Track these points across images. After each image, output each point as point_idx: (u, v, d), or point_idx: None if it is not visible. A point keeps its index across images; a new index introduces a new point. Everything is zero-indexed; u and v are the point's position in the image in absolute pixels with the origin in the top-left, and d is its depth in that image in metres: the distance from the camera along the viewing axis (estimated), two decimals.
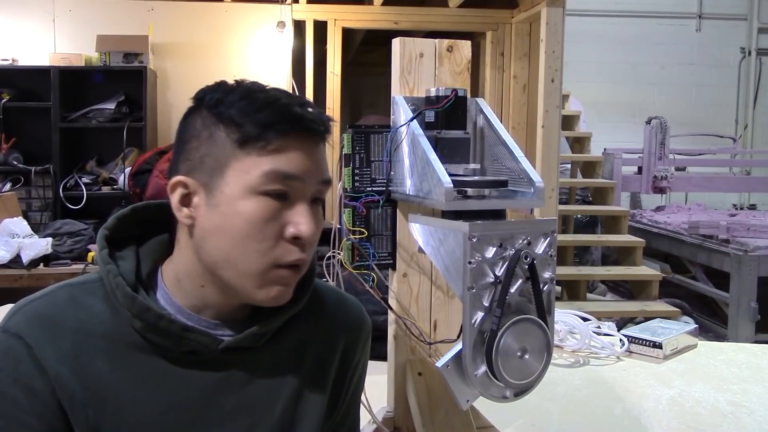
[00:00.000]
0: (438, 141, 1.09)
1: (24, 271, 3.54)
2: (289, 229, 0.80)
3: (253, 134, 0.79)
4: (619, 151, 6.09)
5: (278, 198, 0.80)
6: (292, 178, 0.80)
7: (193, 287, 0.84)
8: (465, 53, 1.21)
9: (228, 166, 0.80)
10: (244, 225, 0.79)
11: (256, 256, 0.80)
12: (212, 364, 0.84)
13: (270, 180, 0.79)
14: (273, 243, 0.80)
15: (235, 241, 0.80)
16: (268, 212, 0.79)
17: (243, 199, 0.79)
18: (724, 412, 1.52)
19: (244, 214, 0.79)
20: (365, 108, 7.37)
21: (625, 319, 4.65)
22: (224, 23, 4.81)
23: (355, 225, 1.17)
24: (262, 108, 0.79)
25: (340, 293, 1.01)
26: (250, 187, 0.79)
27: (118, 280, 0.82)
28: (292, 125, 0.80)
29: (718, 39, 8.34)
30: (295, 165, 0.80)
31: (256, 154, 0.79)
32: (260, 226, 0.79)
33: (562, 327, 1.88)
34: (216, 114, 0.80)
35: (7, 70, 4.50)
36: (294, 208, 0.81)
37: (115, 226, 0.88)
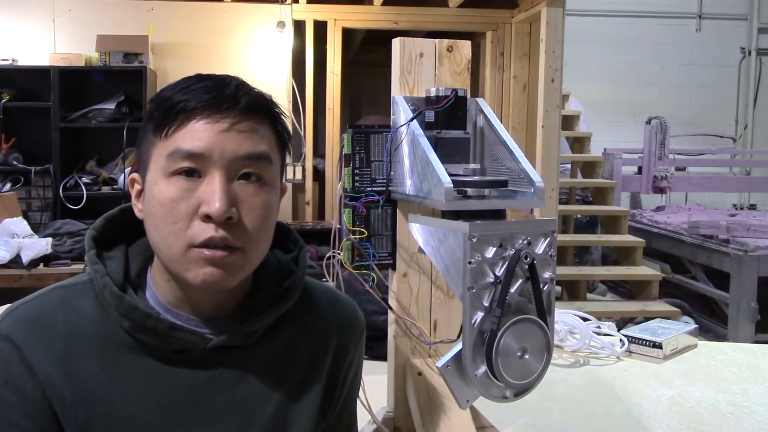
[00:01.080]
0: (438, 141, 1.09)
1: (24, 271, 3.55)
2: (201, 208, 0.79)
3: (158, 119, 0.81)
4: (619, 151, 6.09)
5: (190, 177, 0.80)
6: (196, 156, 0.79)
7: (164, 282, 0.85)
8: (465, 53, 1.21)
9: (151, 157, 0.82)
10: (158, 207, 0.80)
11: (172, 238, 0.80)
12: (201, 363, 0.84)
13: (174, 159, 0.79)
14: (187, 223, 0.79)
15: (156, 227, 0.81)
16: (177, 192, 0.79)
17: (157, 183, 0.81)
18: (724, 412, 1.52)
19: (158, 196, 0.80)
20: (365, 108, 7.37)
21: (625, 319, 4.65)
22: (224, 23, 4.81)
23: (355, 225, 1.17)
24: (168, 95, 0.81)
25: (333, 292, 1.01)
26: (162, 170, 0.80)
27: (105, 279, 0.82)
28: (190, 103, 0.80)
29: (718, 39, 8.34)
30: (198, 142, 0.79)
31: (164, 138, 0.81)
32: (171, 206, 0.79)
33: (562, 327, 1.88)
34: (148, 111, 0.84)
35: (7, 70, 4.50)
36: (205, 186, 0.80)
37: (103, 226, 0.89)
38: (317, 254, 4.16)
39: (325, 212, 5.07)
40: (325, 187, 5.07)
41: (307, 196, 4.98)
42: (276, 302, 0.89)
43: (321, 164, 5.23)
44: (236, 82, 0.83)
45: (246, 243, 0.81)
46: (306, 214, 4.96)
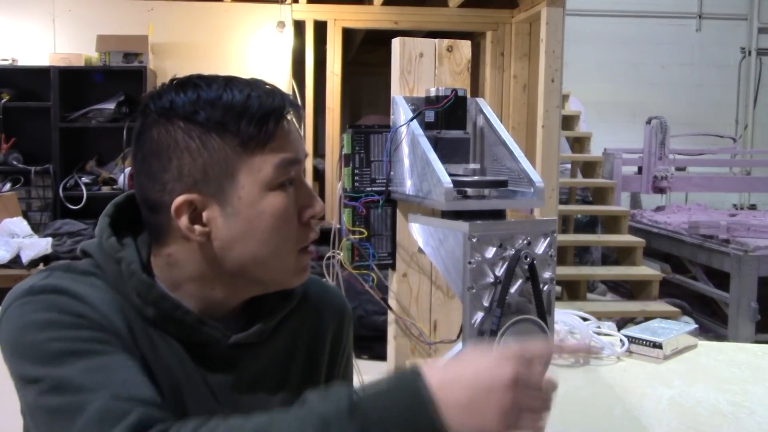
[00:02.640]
0: (438, 141, 1.09)
1: (24, 271, 3.55)
2: (307, 212, 0.82)
3: (252, 134, 0.78)
4: (619, 151, 6.08)
5: (288, 186, 0.81)
6: (295, 163, 0.81)
7: (199, 291, 0.83)
8: (465, 53, 1.21)
9: (237, 170, 0.78)
10: (272, 222, 0.79)
11: (288, 247, 0.81)
12: (218, 359, 0.84)
13: (282, 171, 0.79)
14: (296, 231, 0.82)
15: (265, 241, 0.80)
16: (288, 203, 0.80)
17: (263, 198, 0.79)
18: (724, 412, 1.52)
19: (270, 211, 0.79)
20: (365, 108, 7.37)
21: (625, 319, 4.65)
22: (224, 23, 4.81)
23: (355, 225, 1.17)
24: (245, 107, 0.78)
25: (320, 283, 1.03)
26: (266, 183, 0.79)
27: (132, 267, 0.80)
28: (278, 112, 0.80)
29: (718, 39, 8.33)
30: (294, 148, 0.81)
31: (261, 151, 0.78)
32: (285, 218, 0.80)
33: (562, 327, 1.87)
34: (199, 123, 0.77)
35: (7, 70, 4.50)
36: (301, 190, 0.82)
37: (114, 213, 0.86)
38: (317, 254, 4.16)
39: (325, 212, 5.07)
40: (325, 187, 5.07)
41: None
42: (283, 300, 0.90)
43: (321, 164, 5.23)
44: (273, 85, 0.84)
45: None
46: None
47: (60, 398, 0.68)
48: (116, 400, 0.67)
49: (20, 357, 0.72)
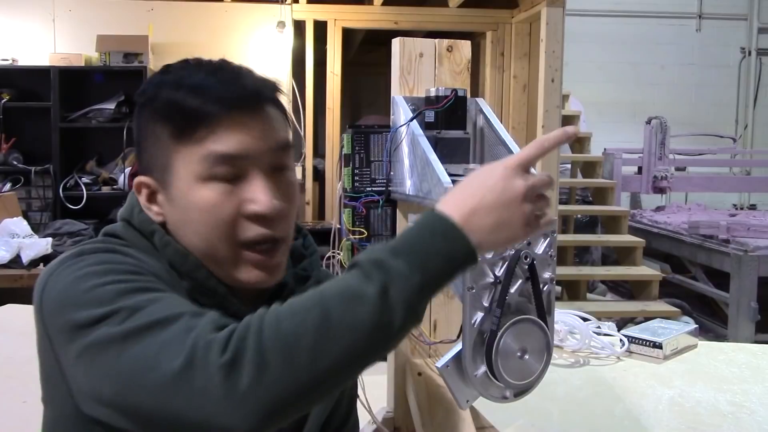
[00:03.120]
0: (438, 141, 1.09)
1: (24, 271, 3.54)
2: (248, 207, 0.79)
3: (182, 125, 0.78)
4: (619, 151, 6.08)
5: (229, 179, 0.79)
6: (234, 158, 0.79)
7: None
8: (465, 53, 1.21)
9: (173, 159, 0.80)
10: (198, 214, 0.79)
11: (218, 241, 0.80)
12: None
13: (211, 164, 0.78)
14: (233, 225, 0.79)
15: (198, 233, 0.80)
16: (217, 196, 0.79)
17: (193, 189, 0.79)
18: (724, 412, 1.52)
19: (198, 203, 0.79)
20: (365, 108, 7.37)
21: (625, 319, 4.65)
22: (224, 23, 4.81)
23: (355, 225, 1.17)
24: (187, 96, 0.78)
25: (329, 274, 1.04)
26: (197, 175, 0.79)
27: (167, 238, 0.82)
28: (217, 105, 0.78)
29: (718, 39, 8.33)
30: (233, 143, 0.78)
31: (192, 143, 0.78)
32: (213, 210, 0.79)
33: (562, 327, 1.87)
34: (152, 111, 0.81)
35: (7, 70, 4.50)
36: (248, 184, 0.80)
37: None
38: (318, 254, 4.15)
39: (325, 212, 5.07)
40: (325, 187, 5.07)
41: (307, 196, 4.98)
42: (300, 283, 0.91)
43: (321, 164, 5.24)
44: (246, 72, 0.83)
45: (287, 232, 0.84)
46: (306, 214, 4.96)
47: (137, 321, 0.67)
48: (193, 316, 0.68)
49: (79, 305, 0.70)
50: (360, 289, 0.66)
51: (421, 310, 0.68)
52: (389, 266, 0.67)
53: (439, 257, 0.68)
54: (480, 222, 0.71)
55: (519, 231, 0.73)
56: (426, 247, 0.69)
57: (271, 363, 0.63)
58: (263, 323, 0.65)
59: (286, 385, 0.63)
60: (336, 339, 0.64)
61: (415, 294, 0.67)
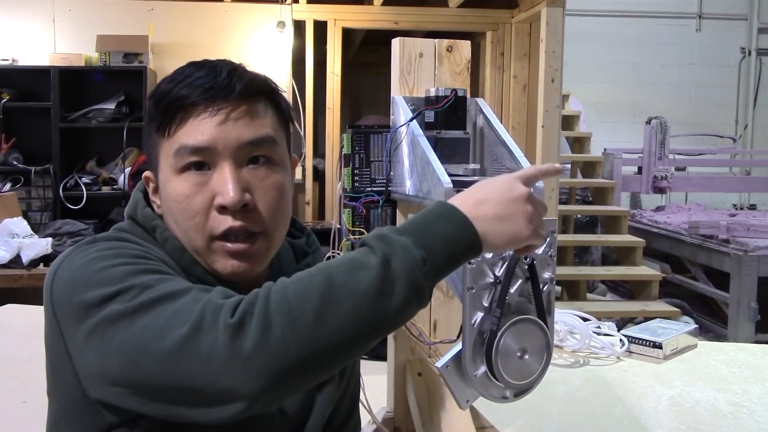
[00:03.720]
0: (438, 141, 1.09)
1: (24, 271, 3.54)
2: (216, 199, 0.81)
3: (159, 120, 0.82)
4: (619, 151, 6.09)
5: (200, 170, 0.81)
6: (201, 150, 0.81)
7: None
8: (465, 53, 1.21)
9: (159, 155, 0.84)
10: (175, 205, 0.82)
11: (193, 232, 0.82)
12: None
13: (181, 156, 0.81)
14: (205, 216, 0.81)
15: (176, 223, 0.83)
16: (189, 187, 0.81)
17: (170, 181, 0.83)
18: (724, 412, 1.52)
19: (172, 194, 0.82)
20: (365, 108, 7.37)
21: (625, 319, 4.65)
22: (224, 23, 4.81)
23: (355, 225, 1.17)
24: (164, 92, 0.82)
25: None
26: (172, 167, 0.82)
27: (167, 234, 0.84)
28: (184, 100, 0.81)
29: (718, 39, 8.33)
30: (201, 136, 0.80)
31: (168, 137, 0.82)
32: (186, 202, 0.81)
33: (562, 327, 1.87)
34: (149, 108, 0.85)
35: (7, 70, 4.50)
36: (218, 177, 0.81)
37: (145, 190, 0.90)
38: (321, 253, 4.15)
39: (325, 212, 5.07)
40: (325, 187, 5.07)
41: (307, 196, 4.98)
42: None
43: (321, 164, 5.23)
44: (228, 68, 0.84)
45: (265, 226, 0.84)
46: (306, 214, 4.96)
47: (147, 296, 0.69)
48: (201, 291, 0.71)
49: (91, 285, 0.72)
50: (364, 258, 0.68)
51: (424, 288, 0.69)
52: (392, 240, 0.69)
53: (443, 239, 0.70)
54: (485, 211, 0.73)
55: (523, 226, 0.75)
56: (430, 227, 0.71)
57: (276, 325, 0.64)
58: (271, 290, 0.67)
59: (290, 346, 0.64)
60: (339, 303, 0.65)
61: (417, 268, 0.68)
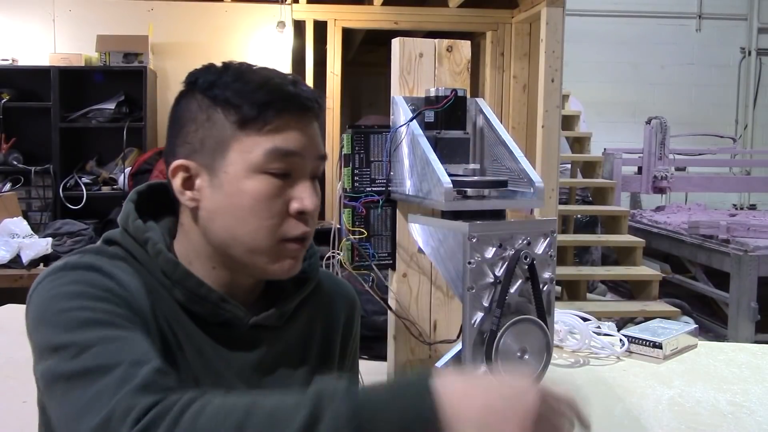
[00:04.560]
0: (437, 141, 1.09)
1: (24, 271, 3.54)
2: (294, 205, 0.83)
3: (251, 115, 0.81)
4: (619, 151, 6.08)
5: (281, 176, 0.82)
6: (292, 155, 0.82)
7: (204, 269, 0.86)
8: (464, 53, 1.21)
9: (229, 147, 0.82)
10: (249, 203, 0.81)
11: (264, 232, 0.82)
12: (241, 340, 0.87)
13: (271, 158, 0.81)
14: (279, 219, 0.83)
15: (241, 220, 0.82)
16: (272, 190, 0.82)
17: (247, 178, 0.81)
18: (724, 412, 1.52)
19: (250, 192, 0.81)
20: (365, 108, 7.37)
21: (625, 319, 4.65)
22: (224, 23, 4.81)
23: (355, 225, 1.17)
24: (257, 89, 0.81)
25: (330, 274, 1.06)
26: (253, 165, 0.81)
27: (159, 247, 0.83)
28: (287, 103, 0.82)
29: (718, 39, 8.33)
30: (294, 142, 0.82)
31: (256, 133, 0.81)
32: (265, 203, 0.82)
33: (562, 327, 1.87)
34: (211, 97, 0.82)
35: (7, 70, 4.50)
36: (296, 184, 0.83)
37: (138, 200, 0.89)
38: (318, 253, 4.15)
39: (325, 212, 5.07)
40: (325, 187, 5.07)
41: None
42: (300, 285, 0.93)
43: None
44: (300, 80, 0.86)
45: (312, 233, 0.87)
46: None
47: (81, 363, 0.70)
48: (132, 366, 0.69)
49: (47, 325, 0.74)
50: (291, 412, 0.63)
51: None
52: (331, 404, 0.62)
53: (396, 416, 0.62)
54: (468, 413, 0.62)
55: None
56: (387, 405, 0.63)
57: None
58: (185, 411, 0.64)
59: None
60: None
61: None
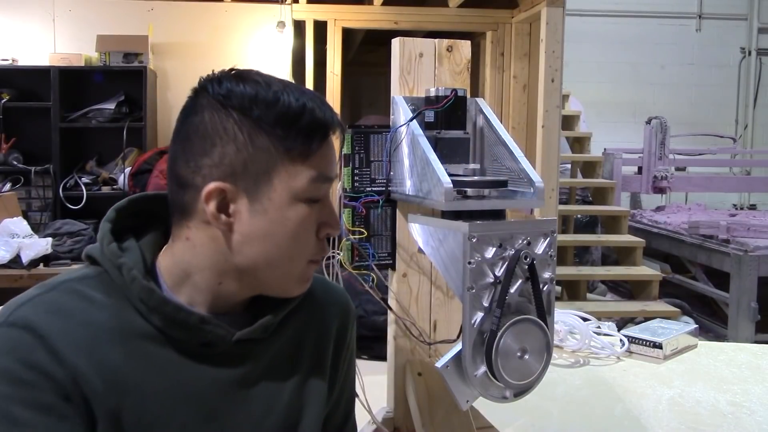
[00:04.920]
0: (438, 141, 1.09)
1: (24, 271, 3.54)
2: (325, 230, 0.85)
3: (298, 145, 0.81)
4: (619, 151, 6.08)
5: (315, 201, 0.83)
6: (328, 180, 0.84)
7: (207, 283, 0.84)
8: (464, 53, 1.21)
9: (275, 173, 0.80)
10: (293, 229, 0.82)
11: (300, 257, 0.84)
12: (224, 357, 0.85)
13: (316, 187, 0.82)
14: (312, 243, 0.85)
15: (282, 246, 0.82)
16: (311, 217, 0.83)
17: (291, 205, 0.81)
18: (724, 412, 1.52)
19: (294, 219, 0.82)
20: (365, 108, 7.37)
21: (625, 319, 4.65)
22: (224, 23, 4.81)
23: (355, 225, 1.17)
24: (298, 115, 0.80)
25: (323, 280, 1.03)
26: (297, 193, 0.81)
27: (133, 273, 0.80)
28: (326, 130, 0.83)
29: (718, 39, 8.34)
30: (332, 167, 0.84)
31: (301, 162, 0.81)
32: (305, 230, 0.83)
33: (562, 327, 1.87)
34: (252, 119, 0.79)
35: (7, 70, 4.50)
36: (326, 207, 0.85)
37: (116, 218, 0.86)
38: None
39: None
40: None
41: None
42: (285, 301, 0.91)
43: None
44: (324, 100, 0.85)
45: None
46: None
47: None
48: None
49: None
50: None
51: None
52: None
53: None
54: None
55: None
56: None
57: None
58: None
59: None
60: None
61: None
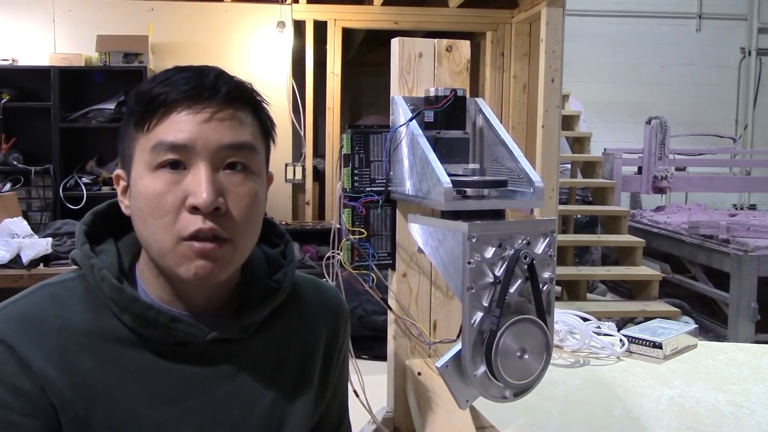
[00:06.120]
0: (437, 141, 1.09)
1: (24, 271, 3.54)
2: (189, 200, 0.78)
3: (139, 112, 0.80)
4: (619, 151, 6.09)
5: (175, 169, 0.79)
6: (180, 148, 0.78)
7: (153, 278, 0.85)
8: (464, 53, 1.21)
9: (134, 152, 0.82)
10: (145, 202, 0.80)
11: (161, 232, 0.79)
12: (200, 356, 0.84)
13: (158, 153, 0.79)
14: (174, 216, 0.79)
15: (144, 222, 0.80)
16: (162, 185, 0.79)
17: (142, 178, 0.80)
18: (724, 412, 1.52)
19: (144, 191, 0.80)
20: (365, 108, 7.38)
21: (625, 319, 4.65)
22: (224, 23, 4.81)
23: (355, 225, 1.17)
24: (147, 89, 0.81)
25: (315, 281, 1.02)
26: (146, 164, 0.80)
27: (103, 273, 0.81)
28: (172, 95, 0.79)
29: (718, 39, 8.34)
30: (181, 133, 0.78)
31: (146, 132, 0.80)
32: (157, 200, 0.79)
33: (562, 327, 1.87)
34: (127, 105, 0.84)
35: (7, 70, 4.50)
36: (191, 178, 0.79)
37: (93, 221, 0.88)
38: (317, 254, 4.15)
39: (325, 212, 5.07)
40: (325, 187, 5.07)
41: (307, 196, 4.98)
42: (269, 296, 0.89)
43: (321, 164, 5.23)
44: (216, 72, 0.83)
45: (234, 234, 0.81)
46: (306, 214, 4.96)
47: None
48: None
49: None
50: None
51: None
52: None
53: None
54: None
55: None
56: None
57: None
58: None
59: None
60: None
61: None
